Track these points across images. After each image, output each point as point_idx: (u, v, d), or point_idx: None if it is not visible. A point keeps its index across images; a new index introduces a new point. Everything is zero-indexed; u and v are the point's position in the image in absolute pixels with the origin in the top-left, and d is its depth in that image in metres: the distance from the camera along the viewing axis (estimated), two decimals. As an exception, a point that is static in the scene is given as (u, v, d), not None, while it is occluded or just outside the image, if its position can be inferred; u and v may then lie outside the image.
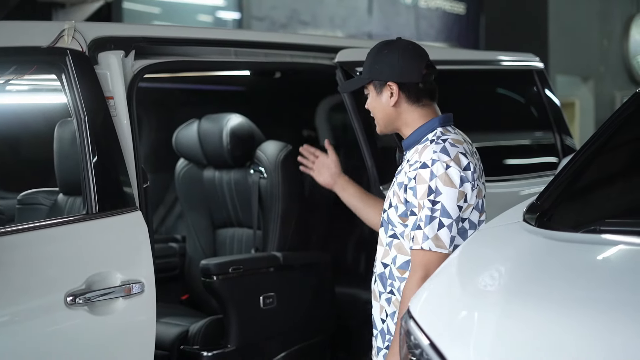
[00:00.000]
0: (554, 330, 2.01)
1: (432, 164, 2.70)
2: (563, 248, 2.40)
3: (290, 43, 3.89)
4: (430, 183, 2.68)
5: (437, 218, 2.67)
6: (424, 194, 2.69)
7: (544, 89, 4.93)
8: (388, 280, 2.86)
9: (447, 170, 2.69)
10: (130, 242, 3.05)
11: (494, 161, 4.52)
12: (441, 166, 2.69)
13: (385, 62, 2.85)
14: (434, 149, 2.73)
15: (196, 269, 4.22)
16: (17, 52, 2.96)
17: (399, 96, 2.84)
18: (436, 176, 2.68)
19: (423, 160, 2.72)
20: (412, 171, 2.75)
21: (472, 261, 2.48)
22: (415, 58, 2.86)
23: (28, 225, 2.95)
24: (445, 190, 2.68)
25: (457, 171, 2.70)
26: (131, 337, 3.00)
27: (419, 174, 2.72)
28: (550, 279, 2.24)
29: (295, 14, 9.18)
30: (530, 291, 2.20)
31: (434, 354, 2.13)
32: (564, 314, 2.06)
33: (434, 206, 2.68)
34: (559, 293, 2.15)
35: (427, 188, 2.69)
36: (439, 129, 2.83)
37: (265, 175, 4.15)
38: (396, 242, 2.83)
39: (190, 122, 4.44)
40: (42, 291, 2.81)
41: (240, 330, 3.79)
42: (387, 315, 2.87)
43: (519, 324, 2.09)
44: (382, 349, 2.89)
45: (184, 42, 3.48)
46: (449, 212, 2.68)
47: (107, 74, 3.11)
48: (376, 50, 2.90)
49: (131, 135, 3.11)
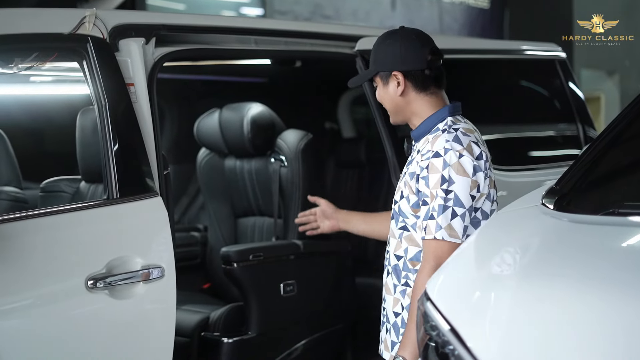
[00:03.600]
0: (571, 310, 2.00)
1: (445, 153, 2.68)
2: (581, 230, 2.38)
3: (311, 32, 3.90)
4: (443, 172, 2.67)
5: (451, 207, 2.66)
6: (437, 183, 2.68)
7: (567, 80, 4.90)
8: (402, 272, 2.84)
9: (460, 159, 2.67)
10: (151, 227, 3.06)
11: (517, 151, 4.52)
12: (454, 155, 2.67)
13: (389, 52, 2.84)
14: (446, 138, 2.71)
15: (217, 257, 4.24)
16: (39, 38, 2.99)
17: (405, 85, 2.82)
18: (449, 165, 2.67)
19: (435, 150, 2.71)
20: (424, 160, 2.73)
21: (489, 243, 2.47)
22: (419, 45, 2.84)
23: (50, 209, 2.98)
24: (458, 179, 2.66)
25: (469, 160, 2.68)
26: (151, 321, 3.02)
27: (432, 163, 2.70)
28: (568, 260, 2.22)
29: (318, 8, 9.19)
30: (548, 272, 2.19)
31: (452, 335, 2.13)
32: (582, 295, 2.04)
33: (447, 195, 2.66)
34: (578, 273, 2.13)
35: (440, 177, 2.67)
36: (449, 118, 2.81)
37: (286, 163, 4.16)
38: (407, 234, 2.82)
39: (212, 112, 4.46)
40: (64, 275, 2.84)
41: (261, 317, 3.81)
42: (402, 308, 2.84)
43: (536, 304, 2.08)
44: (397, 343, 2.87)
45: (205, 30, 3.49)
46: (462, 201, 2.66)
47: (128, 61, 3.13)
48: (379, 41, 2.90)
49: (152, 121, 3.13)
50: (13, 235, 2.75)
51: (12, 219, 2.84)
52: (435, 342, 2.20)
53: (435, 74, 2.84)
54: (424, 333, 2.29)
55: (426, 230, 2.71)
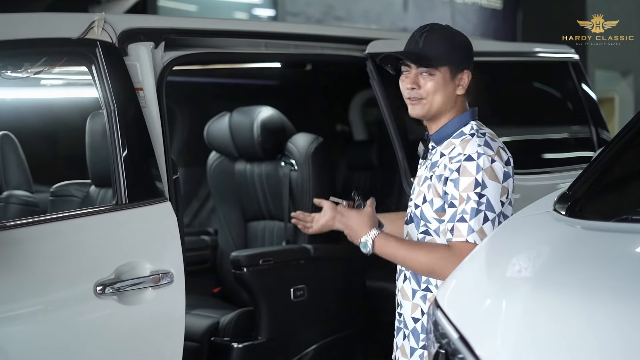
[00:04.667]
0: (584, 320, 1.97)
1: (478, 157, 2.65)
2: (594, 237, 2.36)
3: (321, 35, 3.88)
4: (476, 176, 2.64)
5: (483, 211, 2.63)
6: (469, 186, 2.64)
7: (580, 81, 4.87)
8: (423, 277, 2.82)
9: (492, 164, 2.65)
10: (160, 232, 3.05)
11: (529, 154, 4.48)
12: (487, 160, 2.65)
13: (462, 49, 2.79)
14: (477, 142, 2.69)
15: (228, 261, 4.23)
16: (48, 43, 2.99)
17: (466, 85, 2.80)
18: (482, 169, 2.64)
19: (468, 153, 2.67)
20: (454, 163, 2.69)
21: (500, 250, 2.44)
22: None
23: (59, 215, 2.99)
24: (490, 184, 2.64)
25: (500, 166, 2.67)
26: (160, 327, 3.01)
27: (464, 167, 2.66)
28: (580, 268, 2.20)
29: (330, 10, 9.18)
30: (560, 280, 2.16)
31: (461, 344, 2.11)
32: (594, 304, 2.01)
33: (480, 199, 2.63)
34: (589, 282, 2.11)
35: (473, 181, 2.64)
36: (473, 123, 2.79)
37: (296, 167, 4.15)
38: (429, 238, 2.79)
39: (222, 115, 4.45)
40: (72, 281, 2.83)
41: (271, 322, 3.79)
42: (422, 313, 2.81)
43: (547, 313, 2.06)
44: (417, 349, 2.84)
45: (214, 34, 3.48)
46: (493, 206, 2.64)
47: (137, 65, 3.12)
48: (448, 35, 2.79)
49: (161, 126, 3.12)
50: (22, 241, 2.75)
51: (21, 225, 2.84)
52: (445, 350, 2.18)
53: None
54: (434, 340, 2.27)
55: (454, 232, 2.67)
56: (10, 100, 4.64)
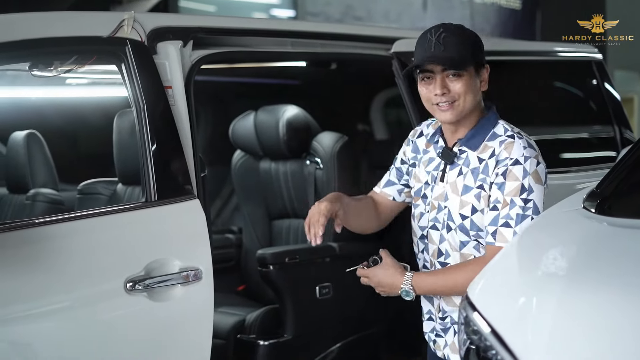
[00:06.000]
0: (614, 316, 1.98)
1: (525, 161, 2.63)
2: (624, 234, 2.36)
3: (347, 34, 3.89)
4: (523, 181, 2.61)
5: (530, 216, 2.61)
6: (514, 190, 2.62)
7: (603, 81, 4.86)
8: None
9: (537, 167, 2.63)
10: (189, 229, 3.07)
11: (553, 153, 4.48)
12: (534, 163, 2.63)
13: (480, 45, 2.77)
14: (522, 144, 2.65)
15: (252, 259, 4.24)
16: (78, 41, 3.01)
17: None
18: (529, 174, 2.62)
19: (515, 157, 2.64)
20: (500, 167, 2.65)
21: (531, 248, 2.45)
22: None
23: (89, 212, 3.00)
24: (536, 187, 2.62)
25: (543, 167, 2.66)
26: (189, 324, 3.02)
27: (510, 171, 2.63)
28: (610, 265, 2.20)
29: (349, 10, 9.19)
30: (591, 277, 2.17)
31: (495, 340, 2.11)
32: (625, 300, 2.02)
33: (527, 204, 2.61)
34: (620, 279, 2.11)
35: (519, 185, 2.61)
36: (502, 122, 2.76)
37: (322, 166, 4.16)
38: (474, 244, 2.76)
39: (247, 114, 4.47)
40: (103, 277, 2.85)
41: (297, 319, 3.80)
42: None
43: (579, 309, 2.06)
44: None
45: (241, 33, 3.49)
46: (539, 209, 2.63)
47: (166, 64, 3.14)
48: (467, 33, 2.76)
49: (189, 124, 3.14)
50: (53, 238, 2.77)
51: (52, 222, 2.86)
52: (477, 346, 2.18)
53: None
54: (465, 337, 2.28)
55: (496, 236, 2.64)
56: (35, 99, 4.69)
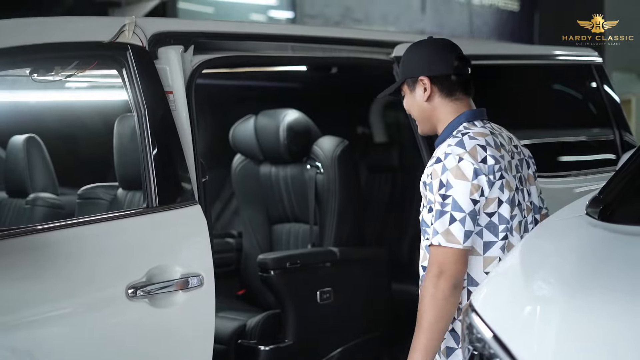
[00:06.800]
0: (618, 323, 1.97)
1: (445, 158, 2.66)
2: (627, 241, 2.35)
3: (348, 38, 3.89)
4: (441, 177, 2.64)
5: (449, 212, 2.62)
6: (436, 188, 2.66)
7: (603, 84, 4.86)
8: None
9: (459, 162, 2.64)
10: (190, 235, 3.06)
11: (553, 157, 4.48)
12: (454, 159, 2.65)
13: (415, 59, 2.83)
14: (449, 142, 2.70)
15: (252, 264, 4.24)
16: (79, 47, 3.00)
17: (431, 90, 2.80)
18: (448, 170, 2.64)
19: (437, 155, 2.69)
20: (429, 167, 2.72)
21: (534, 254, 2.45)
22: (444, 50, 2.83)
23: (90, 218, 2.99)
24: (456, 183, 2.63)
25: (470, 163, 2.64)
26: (191, 330, 3.01)
27: (434, 170, 2.68)
28: (614, 272, 2.20)
29: (348, 12, 9.19)
30: (595, 284, 2.17)
31: (498, 347, 2.11)
32: (629, 308, 2.01)
33: (445, 200, 2.63)
34: (624, 286, 2.11)
35: (439, 182, 2.65)
36: (464, 124, 2.78)
37: (322, 170, 4.15)
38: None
39: (247, 118, 4.46)
40: (104, 283, 2.84)
41: (297, 324, 3.80)
42: None
43: (583, 316, 2.06)
44: (456, 348, 2.83)
45: (242, 38, 3.49)
46: (461, 206, 2.62)
47: (167, 69, 3.13)
48: (406, 51, 2.91)
49: (190, 129, 3.13)
50: (54, 244, 2.76)
51: (53, 228, 2.85)
52: (481, 354, 2.18)
53: (461, 80, 2.82)
54: (468, 345, 2.27)
55: (429, 237, 2.69)
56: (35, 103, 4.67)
